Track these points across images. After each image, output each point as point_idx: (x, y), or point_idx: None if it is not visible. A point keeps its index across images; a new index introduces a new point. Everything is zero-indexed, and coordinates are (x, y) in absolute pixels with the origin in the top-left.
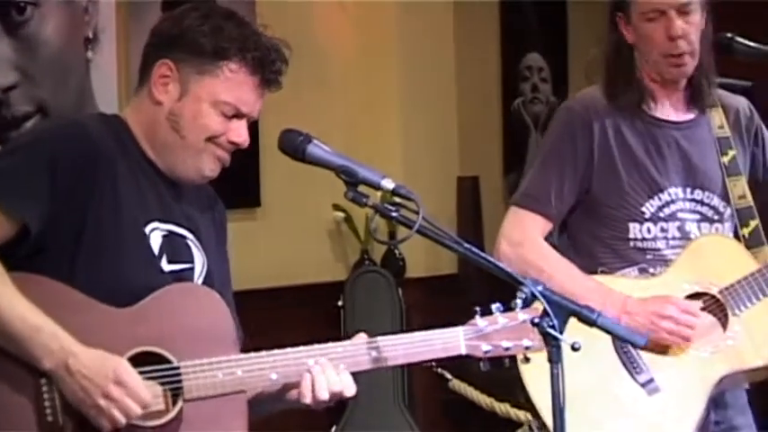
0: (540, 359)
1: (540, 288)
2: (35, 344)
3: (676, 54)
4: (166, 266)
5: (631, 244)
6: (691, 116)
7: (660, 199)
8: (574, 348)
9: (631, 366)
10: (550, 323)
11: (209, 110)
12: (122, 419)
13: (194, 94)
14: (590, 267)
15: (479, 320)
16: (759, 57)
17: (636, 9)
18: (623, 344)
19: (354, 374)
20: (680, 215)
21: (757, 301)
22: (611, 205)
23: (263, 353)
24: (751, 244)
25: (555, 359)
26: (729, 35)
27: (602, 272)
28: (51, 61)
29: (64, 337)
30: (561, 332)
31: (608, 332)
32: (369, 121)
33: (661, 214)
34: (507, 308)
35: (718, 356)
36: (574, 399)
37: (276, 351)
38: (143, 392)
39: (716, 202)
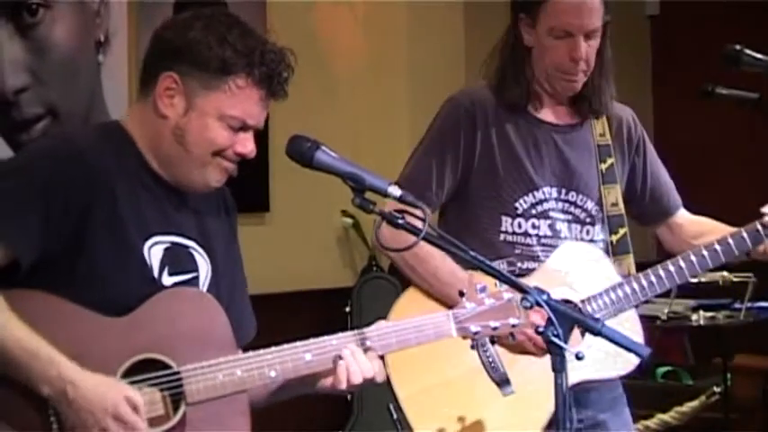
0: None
1: (544, 297)
2: (32, 370)
3: (572, 72)
4: (168, 280)
5: (501, 237)
6: (573, 121)
7: (534, 197)
8: (578, 357)
9: (489, 364)
10: (555, 332)
11: (215, 124)
12: None
13: (200, 109)
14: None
15: (466, 303)
16: (766, 68)
17: (545, 22)
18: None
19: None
20: (551, 214)
21: (615, 315)
22: (486, 197)
23: (261, 351)
24: (618, 251)
25: (559, 368)
26: (738, 47)
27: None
28: (62, 64)
29: (61, 363)
30: (566, 341)
31: (612, 341)
32: (378, 128)
33: (533, 211)
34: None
35: (573, 364)
36: (434, 393)
37: (273, 348)
38: (141, 426)
39: (589, 205)
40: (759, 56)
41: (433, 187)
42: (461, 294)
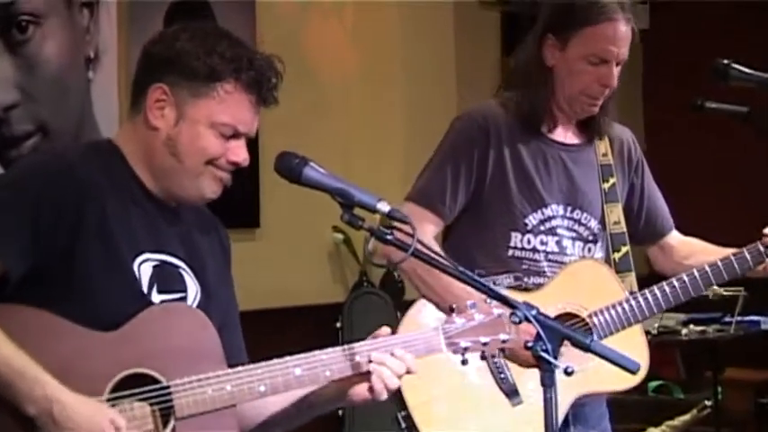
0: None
1: (533, 312)
2: (18, 389)
3: (598, 97)
4: (157, 297)
5: (510, 252)
6: (579, 141)
7: (543, 213)
8: (567, 373)
9: (497, 373)
10: (544, 347)
11: (206, 132)
12: None
13: (191, 118)
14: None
15: (456, 318)
16: (755, 83)
17: (579, 47)
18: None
19: None
20: (558, 231)
21: (621, 329)
22: (497, 212)
23: (250, 366)
24: (620, 269)
25: (548, 383)
26: (726, 61)
27: (480, 275)
28: (52, 80)
29: (47, 382)
30: (555, 357)
31: (601, 356)
32: (370, 140)
33: (542, 228)
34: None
35: (580, 376)
36: (438, 397)
37: (263, 363)
38: None
39: (593, 224)
40: (747, 70)
41: (447, 200)
42: (452, 310)
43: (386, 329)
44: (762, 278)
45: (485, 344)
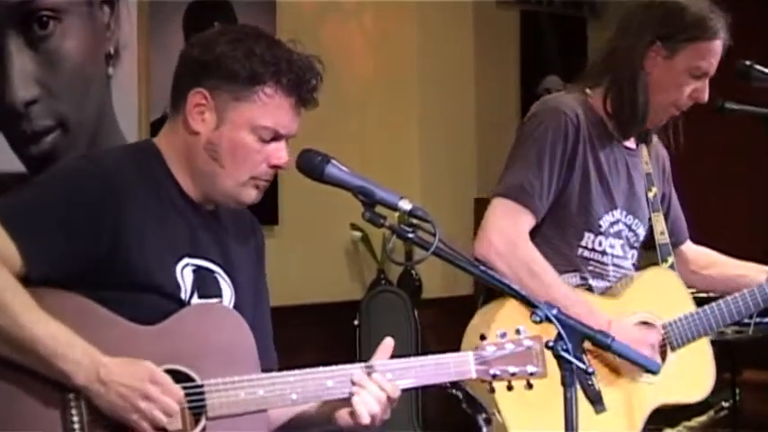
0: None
1: (554, 312)
2: (66, 360)
3: (683, 108)
4: (197, 302)
5: (579, 251)
6: (632, 145)
7: (613, 216)
8: (587, 373)
9: (585, 381)
10: (564, 347)
11: (247, 136)
12: (163, 418)
13: (232, 122)
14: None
15: (487, 346)
16: None
17: (687, 59)
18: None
19: None
20: (621, 234)
21: (693, 340)
22: (575, 211)
23: (284, 373)
24: None
25: (569, 383)
26: (748, 63)
27: None
28: (72, 76)
29: (92, 351)
30: (576, 355)
31: (623, 357)
32: (387, 142)
33: (611, 230)
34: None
35: (654, 387)
36: (529, 404)
37: (296, 371)
38: (176, 388)
39: (640, 230)
40: None
41: (543, 196)
42: (482, 338)
43: (388, 341)
44: None
45: (513, 374)
